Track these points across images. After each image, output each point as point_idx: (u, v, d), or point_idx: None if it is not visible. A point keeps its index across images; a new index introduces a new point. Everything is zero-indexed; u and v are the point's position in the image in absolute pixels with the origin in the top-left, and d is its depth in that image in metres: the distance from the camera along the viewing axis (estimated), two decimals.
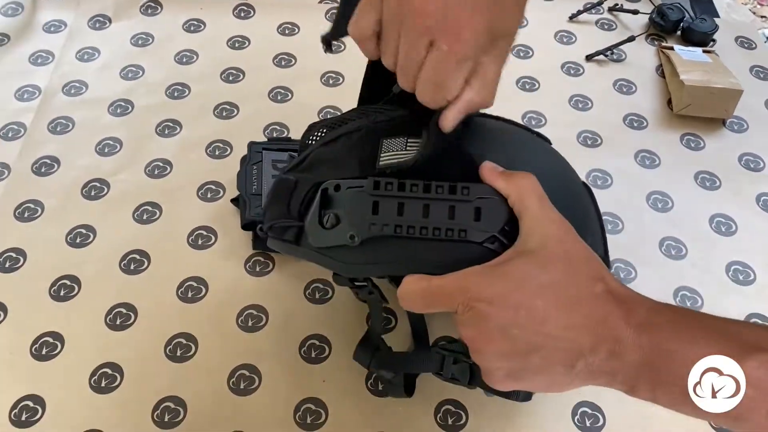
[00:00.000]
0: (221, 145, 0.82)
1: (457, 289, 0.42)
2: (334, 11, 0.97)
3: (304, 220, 0.52)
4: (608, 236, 0.57)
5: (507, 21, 0.43)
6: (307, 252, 0.52)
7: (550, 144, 0.58)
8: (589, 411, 0.64)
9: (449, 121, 0.45)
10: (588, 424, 0.63)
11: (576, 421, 0.63)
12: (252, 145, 0.77)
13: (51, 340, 0.66)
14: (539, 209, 0.44)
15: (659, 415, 0.59)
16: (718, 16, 1.01)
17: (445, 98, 0.44)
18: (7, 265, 0.71)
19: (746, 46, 0.98)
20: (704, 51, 0.93)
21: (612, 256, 0.73)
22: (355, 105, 0.61)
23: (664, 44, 0.96)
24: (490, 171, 0.46)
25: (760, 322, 0.70)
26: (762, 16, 1.08)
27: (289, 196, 0.53)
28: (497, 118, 0.56)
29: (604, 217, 0.64)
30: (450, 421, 0.63)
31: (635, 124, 0.88)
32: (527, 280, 0.40)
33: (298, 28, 0.96)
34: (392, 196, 0.47)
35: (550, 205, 0.44)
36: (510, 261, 0.42)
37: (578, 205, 0.54)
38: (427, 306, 0.45)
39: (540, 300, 0.40)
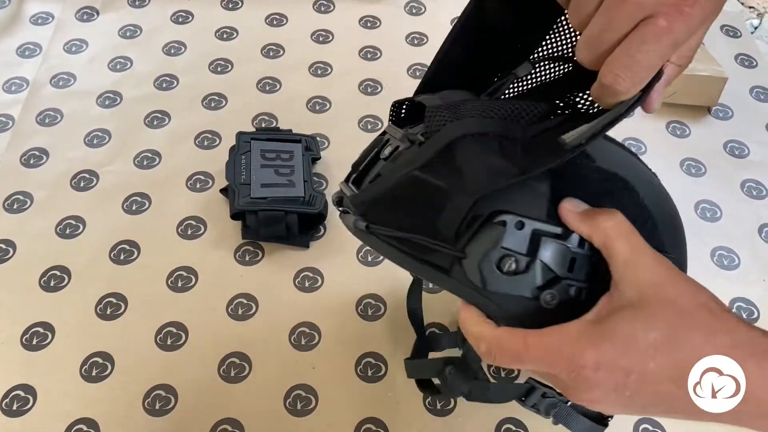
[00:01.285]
0: (210, 136, 0.82)
1: (558, 356, 0.37)
2: (322, 2, 0.98)
3: (460, 246, 0.41)
4: None
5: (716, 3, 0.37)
6: (460, 287, 0.42)
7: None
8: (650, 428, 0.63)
9: (654, 103, 0.39)
10: None
11: None
12: (240, 135, 0.78)
13: (41, 330, 0.66)
14: (630, 253, 0.39)
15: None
16: None
17: (643, 81, 0.36)
18: None
19: (731, 34, 0.99)
20: None
21: None
22: (343, 95, 0.61)
23: None
24: (568, 212, 0.41)
25: (744, 306, 0.71)
26: (750, 7, 1.09)
27: (438, 209, 0.41)
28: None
29: None
30: (439, 405, 0.63)
31: None
32: (633, 341, 0.36)
33: (286, 18, 0.96)
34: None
35: (643, 246, 0.39)
36: (610, 318, 0.37)
37: (678, 232, 0.49)
38: (519, 364, 0.40)
39: (652, 362, 0.36)
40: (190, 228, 0.74)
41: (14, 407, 0.61)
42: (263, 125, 0.83)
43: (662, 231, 0.45)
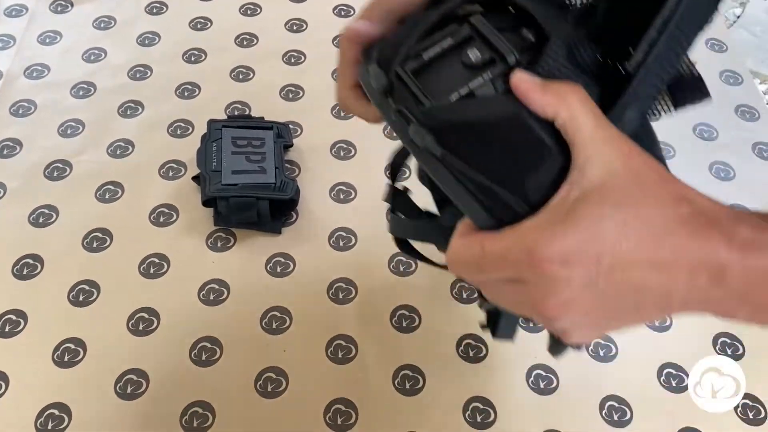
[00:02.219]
0: (183, 125, 0.83)
1: (521, 253, 0.34)
2: None
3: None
4: None
5: None
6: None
7: None
8: (544, 373, 0.66)
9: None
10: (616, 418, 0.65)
11: (530, 383, 0.65)
12: (212, 122, 0.78)
13: (14, 317, 0.67)
14: (595, 127, 0.35)
15: None
16: None
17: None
18: None
19: None
20: None
21: None
22: (316, 83, 0.57)
23: None
24: (528, 83, 0.36)
25: None
26: None
27: (532, 166, 0.36)
28: None
29: None
30: (408, 386, 0.64)
31: None
32: (602, 223, 0.33)
33: (260, 8, 0.97)
34: None
35: (606, 121, 0.36)
36: (575, 204, 0.34)
37: None
38: (480, 273, 0.37)
39: (623, 242, 0.33)
40: (162, 215, 0.75)
41: None
42: (236, 113, 0.84)
43: None
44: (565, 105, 0.35)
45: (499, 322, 0.50)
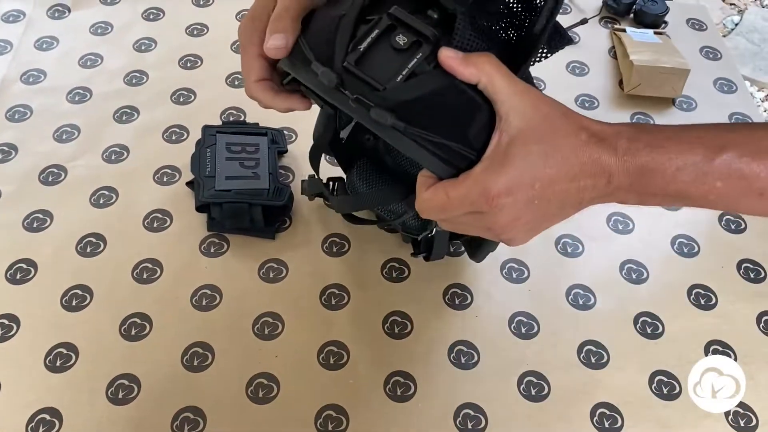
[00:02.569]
0: (178, 130, 0.83)
1: (477, 194, 0.45)
2: None
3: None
4: None
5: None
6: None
7: None
8: (535, 380, 0.66)
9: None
10: (607, 425, 0.65)
11: (521, 390, 0.65)
12: (206, 128, 0.78)
13: (7, 322, 0.67)
14: (509, 85, 0.45)
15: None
16: None
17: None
18: None
19: (697, 27, 1.00)
20: (655, 32, 0.95)
21: (560, 231, 0.76)
22: None
23: (616, 26, 0.98)
24: (452, 59, 0.45)
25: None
26: (731, 4, 1.10)
27: (470, 120, 0.47)
28: None
29: None
30: (399, 392, 0.64)
31: (587, 104, 0.89)
32: (530, 157, 0.44)
33: None
34: None
35: (515, 78, 0.46)
36: (508, 148, 0.45)
37: None
38: (446, 213, 0.48)
39: (547, 168, 0.45)
40: (156, 221, 0.75)
41: None
42: (231, 119, 0.84)
43: None
44: (484, 72, 0.45)
45: (433, 249, 0.65)
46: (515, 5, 0.51)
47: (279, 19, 0.48)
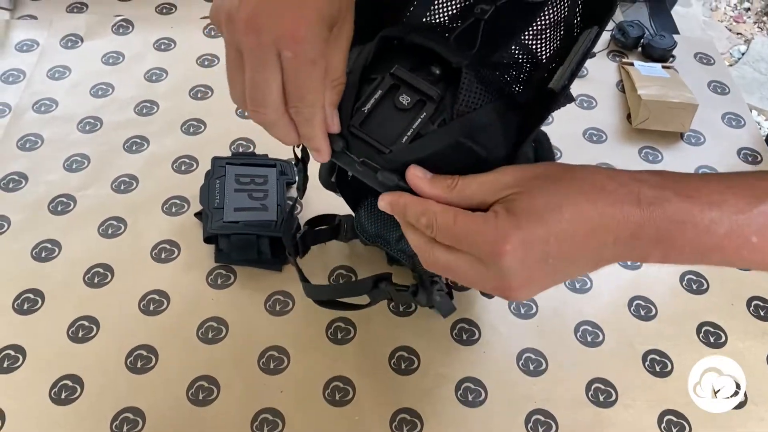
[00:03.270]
0: (187, 161, 0.84)
1: (489, 237, 0.42)
2: None
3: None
4: None
5: (335, 3, 0.44)
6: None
7: None
8: (542, 418, 0.65)
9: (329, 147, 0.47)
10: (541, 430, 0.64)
11: (529, 428, 0.64)
12: (216, 159, 0.79)
13: (13, 352, 0.67)
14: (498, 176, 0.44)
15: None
16: (677, 33, 1.03)
17: (315, 117, 0.45)
18: None
19: (705, 61, 1.01)
20: (663, 67, 0.96)
21: None
22: None
23: (624, 60, 0.98)
24: (416, 178, 0.46)
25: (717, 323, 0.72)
26: (738, 33, 1.11)
27: (477, 171, 0.46)
28: None
29: None
30: (405, 430, 0.63)
31: (594, 138, 0.90)
32: (544, 211, 0.42)
33: None
34: None
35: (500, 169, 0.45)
36: (520, 202, 0.42)
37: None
38: (449, 238, 0.45)
39: (562, 222, 0.41)
40: (164, 251, 0.75)
41: None
42: (240, 150, 0.85)
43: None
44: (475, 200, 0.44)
45: (417, 294, 0.63)
46: (521, 56, 0.51)
47: (342, 87, 0.47)
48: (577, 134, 0.90)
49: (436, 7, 0.52)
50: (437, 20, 0.52)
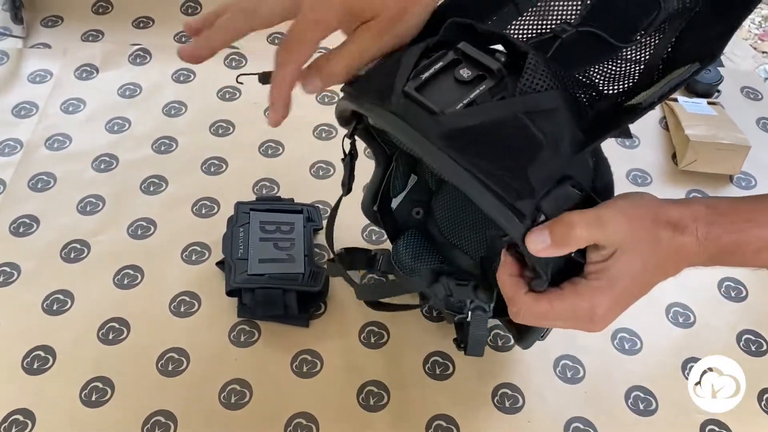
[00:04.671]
0: (208, 203, 0.79)
1: (583, 311, 0.47)
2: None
3: (538, 197, 0.45)
4: None
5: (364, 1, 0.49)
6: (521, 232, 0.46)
7: None
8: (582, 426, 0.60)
9: (309, 86, 0.50)
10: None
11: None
12: (239, 205, 0.74)
13: (21, 418, 0.62)
14: (603, 226, 0.46)
15: None
16: (722, 66, 0.98)
17: (300, 55, 0.49)
18: None
19: (752, 96, 0.95)
20: (709, 103, 0.91)
21: (616, 325, 0.70)
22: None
23: None
24: (540, 245, 0.45)
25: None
26: (763, 52, 1.07)
27: (530, 157, 0.44)
28: None
29: None
30: None
31: (639, 180, 0.84)
32: (632, 272, 0.47)
33: None
34: None
35: (599, 210, 0.46)
36: (612, 268, 0.47)
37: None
38: (544, 323, 0.52)
39: (645, 273, 0.48)
40: (184, 304, 0.70)
41: None
42: (264, 192, 0.80)
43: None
44: (580, 241, 0.46)
45: (468, 343, 0.60)
46: (588, 80, 0.50)
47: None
48: (620, 176, 0.84)
49: (513, 28, 0.53)
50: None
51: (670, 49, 0.50)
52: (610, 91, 0.51)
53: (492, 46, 0.49)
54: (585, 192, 0.47)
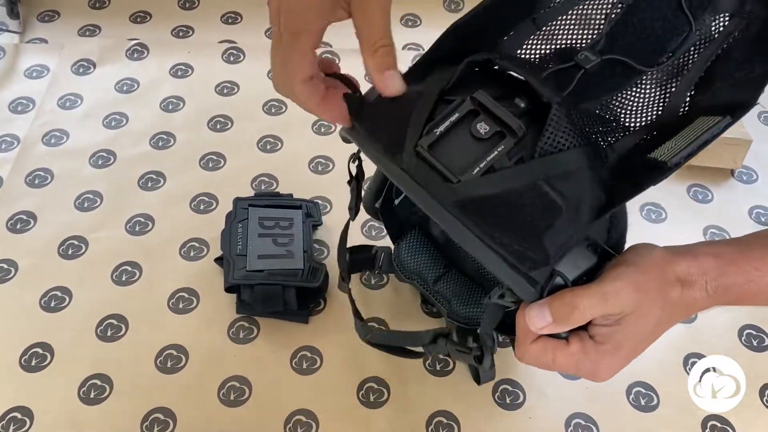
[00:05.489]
0: (206, 199, 0.78)
1: (587, 370, 0.48)
2: (328, 54, 0.95)
3: (553, 264, 0.43)
4: None
5: None
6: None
7: None
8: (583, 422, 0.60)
9: (391, 88, 0.45)
10: None
11: None
12: (238, 201, 0.74)
13: (19, 416, 0.62)
14: (605, 298, 0.45)
15: None
16: None
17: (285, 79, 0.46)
18: None
19: None
20: None
21: None
22: (347, 155, 0.58)
23: None
24: (539, 322, 0.46)
25: None
26: None
27: (548, 224, 0.43)
28: None
29: None
30: None
31: None
32: (638, 334, 0.47)
33: None
34: None
35: (603, 282, 0.46)
36: (619, 333, 0.47)
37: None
38: (547, 369, 0.50)
39: (652, 333, 0.48)
40: (182, 301, 0.70)
41: None
42: (263, 187, 0.79)
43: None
44: (586, 315, 0.45)
45: (480, 377, 0.60)
46: (611, 115, 0.47)
47: (387, 49, 0.44)
48: None
49: (531, 43, 0.49)
50: (528, 56, 0.49)
51: (699, 81, 0.47)
52: (632, 125, 0.47)
53: (510, 82, 0.47)
54: (600, 249, 0.46)
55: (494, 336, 0.56)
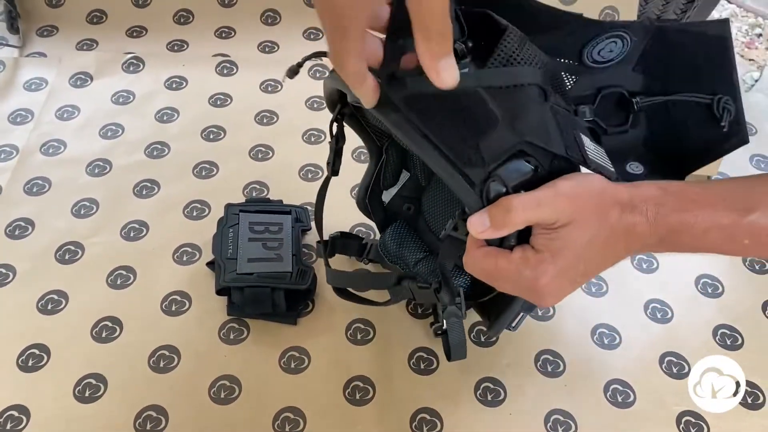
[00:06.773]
0: (199, 206, 0.81)
1: (526, 278, 0.47)
2: (318, 69, 0.98)
3: (490, 168, 0.47)
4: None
5: None
6: (474, 201, 0.48)
7: None
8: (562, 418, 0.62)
9: (448, 80, 0.44)
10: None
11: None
12: (229, 207, 0.76)
13: (16, 414, 0.64)
14: (542, 206, 0.47)
15: None
16: None
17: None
18: None
19: None
20: None
21: (596, 320, 0.72)
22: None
23: None
24: (482, 232, 0.47)
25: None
26: (750, 59, 1.08)
27: (483, 131, 0.47)
28: None
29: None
30: None
31: None
32: (576, 247, 0.47)
33: (281, 84, 0.96)
34: None
35: (540, 191, 0.47)
36: (557, 241, 0.47)
37: None
38: (489, 279, 0.50)
39: (591, 249, 0.48)
40: (175, 303, 0.72)
41: None
42: (254, 195, 0.82)
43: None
44: (513, 226, 0.47)
45: (450, 350, 0.59)
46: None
47: (444, 35, 0.42)
48: None
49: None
50: None
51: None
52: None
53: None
54: (541, 168, 0.48)
55: (458, 292, 0.57)
